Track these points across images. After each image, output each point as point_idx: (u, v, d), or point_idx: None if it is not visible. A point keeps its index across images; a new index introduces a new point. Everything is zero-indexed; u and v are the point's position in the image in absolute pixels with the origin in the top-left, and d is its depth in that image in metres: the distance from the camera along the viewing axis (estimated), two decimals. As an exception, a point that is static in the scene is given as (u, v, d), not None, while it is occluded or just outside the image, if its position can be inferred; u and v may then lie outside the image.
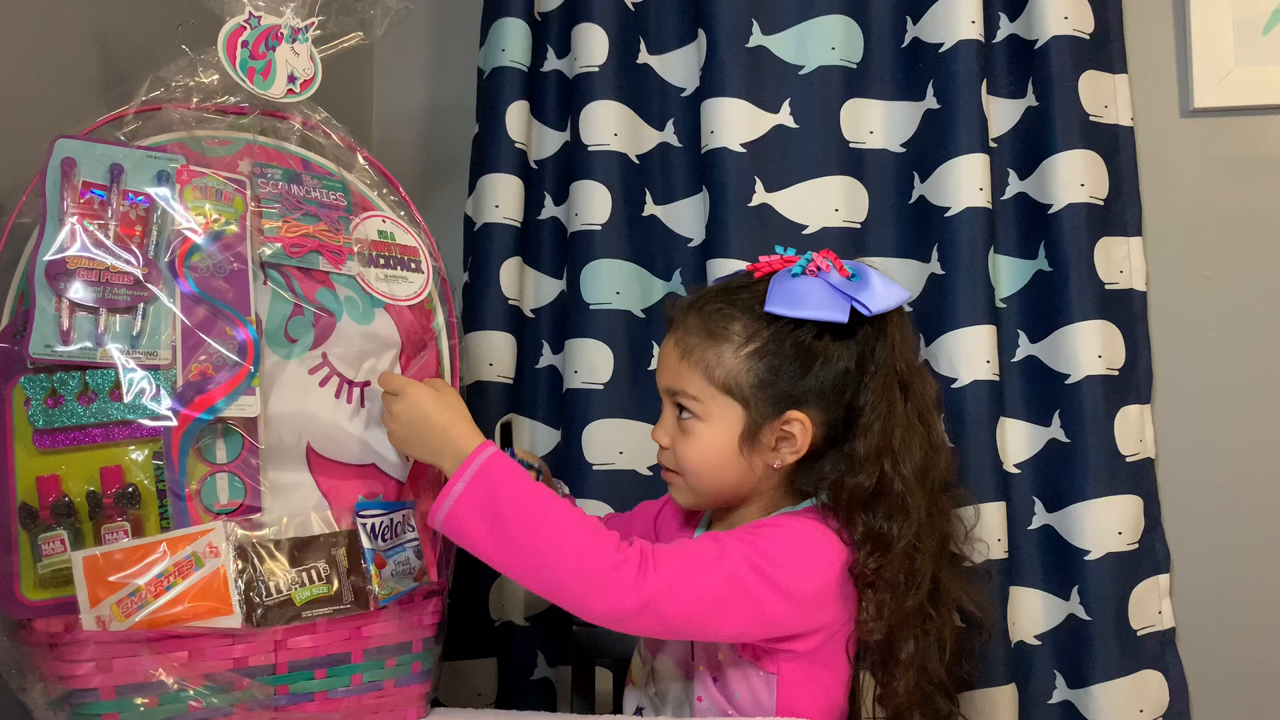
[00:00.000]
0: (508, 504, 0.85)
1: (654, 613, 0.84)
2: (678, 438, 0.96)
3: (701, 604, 0.86)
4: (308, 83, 0.98)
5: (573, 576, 0.84)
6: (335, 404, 0.94)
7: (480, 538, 0.85)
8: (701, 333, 0.94)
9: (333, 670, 0.88)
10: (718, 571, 0.87)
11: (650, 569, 0.85)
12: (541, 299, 1.39)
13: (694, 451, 0.95)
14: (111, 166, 0.86)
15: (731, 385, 0.93)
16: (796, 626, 0.90)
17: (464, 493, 0.85)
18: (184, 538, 0.83)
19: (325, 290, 0.94)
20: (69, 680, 0.78)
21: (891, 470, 0.91)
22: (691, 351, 0.94)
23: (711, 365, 0.93)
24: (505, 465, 0.87)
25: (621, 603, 0.84)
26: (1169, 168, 1.31)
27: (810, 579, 0.89)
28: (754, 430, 0.93)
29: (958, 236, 1.24)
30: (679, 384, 0.95)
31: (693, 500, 0.99)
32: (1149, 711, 1.21)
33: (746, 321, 0.93)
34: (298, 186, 0.95)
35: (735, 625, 0.88)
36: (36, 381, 0.81)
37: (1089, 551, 1.21)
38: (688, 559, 0.87)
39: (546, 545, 0.84)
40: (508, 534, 0.84)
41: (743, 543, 0.89)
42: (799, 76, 1.32)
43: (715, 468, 0.95)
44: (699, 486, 0.97)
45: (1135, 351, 1.27)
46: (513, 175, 1.35)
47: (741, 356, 0.92)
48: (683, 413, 0.95)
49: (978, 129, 1.24)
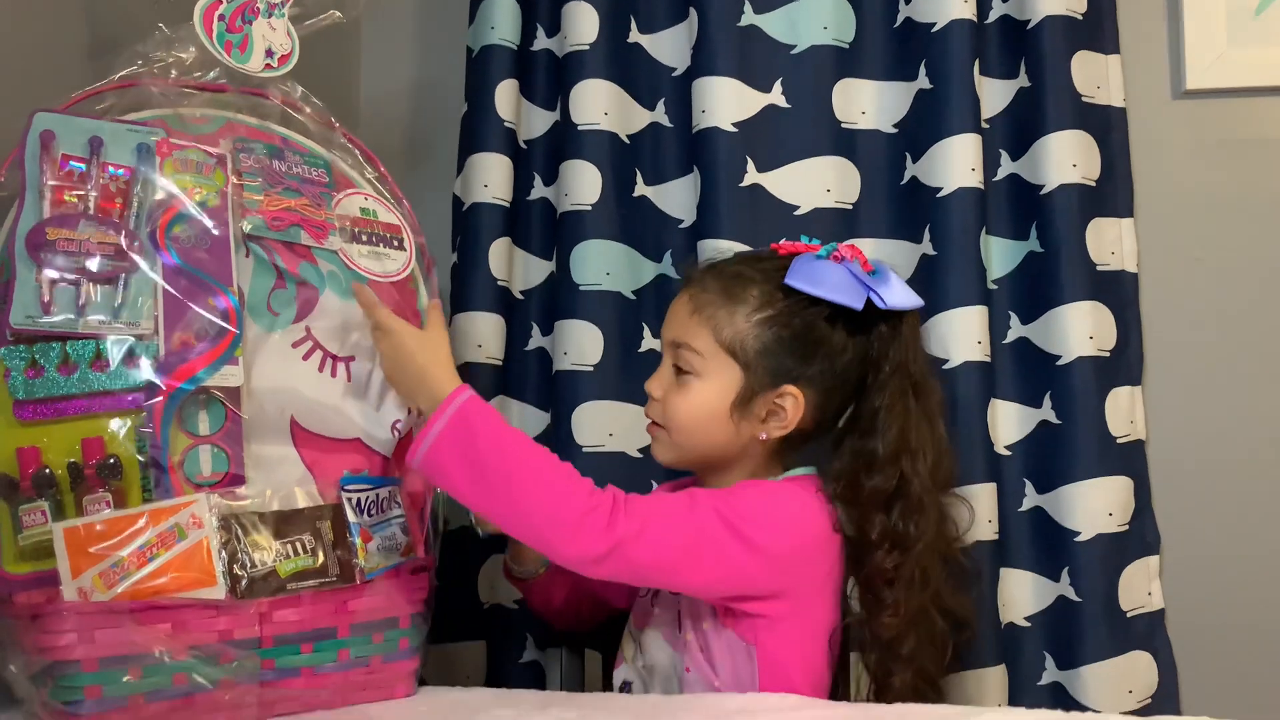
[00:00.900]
0: (485, 446, 0.85)
1: (622, 557, 0.85)
2: (671, 390, 0.97)
3: (670, 551, 0.87)
4: (285, 58, 0.97)
5: (546, 521, 0.85)
6: (319, 378, 0.93)
7: (457, 478, 0.86)
8: (717, 291, 0.96)
9: (319, 645, 0.88)
10: (688, 521, 0.88)
11: (621, 514, 0.86)
12: (531, 280, 1.38)
13: (685, 406, 0.96)
14: (91, 139, 0.85)
15: (736, 347, 0.94)
16: (764, 584, 0.90)
17: (442, 433, 0.86)
18: (166, 509, 0.82)
19: (307, 264, 0.94)
20: (50, 652, 0.78)
21: (910, 471, 0.93)
22: (704, 308, 0.95)
23: (721, 324, 0.94)
24: (482, 408, 0.88)
25: (592, 546, 0.85)
26: (1161, 149, 1.31)
27: (781, 537, 0.90)
28: (748, 396, 0.94)
29: (949, 217, 1.23)
30: (685, 336, 0.96)
31: (673, 456, 0.99)
32: (1138, 692, 1.21)
33: (764, 289, 0.95)
34: (279, 162, 0.95)
35: (703, 576, 0.89)
36: (16, 352, 0.80)
37: (1079, 533, 1.21)
38: (659, 507, 0.89)
39: (521, 488, 0.85)
40: (484, 475, 0.85)
41: (715, 498, 0.91)
42: (791, 56, 1.31)
43: (702, 425, 0.96)
44: (682, 443, 0.98)
45: (1126, 333, 1.27)
46: (502, 155, 1.34)
47: (752, 322, 0.94)
48: (678, 367, 0.96)
49: (970, 109, 1.24)
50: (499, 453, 0.86)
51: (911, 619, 0.94)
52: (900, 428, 0.94)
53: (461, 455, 0.85)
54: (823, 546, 0.93)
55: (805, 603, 0.93)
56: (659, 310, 1.34)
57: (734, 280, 0.96)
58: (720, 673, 0.93)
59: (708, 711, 0.84)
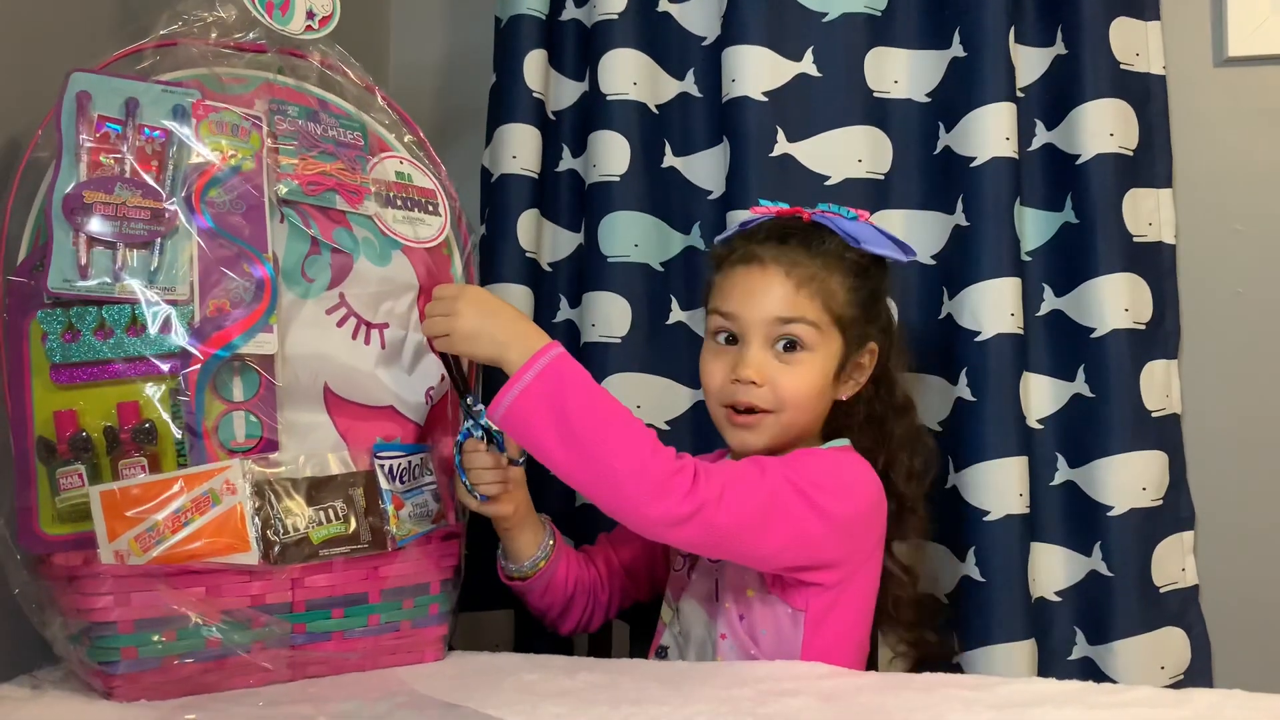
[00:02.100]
0: (576, 400, 0.85)
1: (704, 520, 0.85)
2: (779, 372, 0.95)
3: (747, 516, 0.87)
4: (326, 19, 0.97)
5: (633, 476, 0.84)
6: (353, 345, 0.93)
7: (544, 430, 0.85)
8: (812, 261, 0.96)
9: (350, 610, 0.88)
10: (761, 486, 0.88)
11: (703, 479, 0.86)
12: (559, 252, 1.37)
13: (802, 383, 0.95)
14: (127, 101, 0.85)
15: (842, 315, 0.96)
16: (831, 551, 0.91)
17: (532, 383, 0.85)
18: (201, 474, 0.83)
19: (342, 230, 0.94)
20: (88, 614, 0.79)
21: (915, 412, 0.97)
22: (810, 281, 0.95)
23: (831, 294, 0.95)
24: (574, 364, 0.87)
25: (677, 507, 0.84)
26: (1201, 118, 1.28)
27: (846, 503, 0.91)
28: (845, 361, 0.97)
29: (983, 187, 1.21)
30: (797, 311, 0.94)
31: (772, 440, 0.96)
32: (1170, 668, 1.20)
33: (842, 255, 0.97)
34: (315, 125, 0.94)
35: (777, 541, 0.89)
36: (53, 316, 0.81)
37: (1112, 507, 1.19)
38: (734, 473, 0.89)
39: (611, 444, 0.84)
40: (572, 431, 0.84)
41: (784, 465, 0.91)
42: (822, 24, 1.29)
43: (813, 400, 0.96)
44: (792, 422, 0.96)
45: (1163, 305, 1.25)
46: (530, 126, 1.33)
47: (845, 287, 0.96)
48: (786, 344, 0.95)
49: (1005, 77, 1.22)
50: (590, 408, 0.85)
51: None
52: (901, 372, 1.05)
53: (550, 408, 0.84)
54: (879, 509, 0.95)
55: (856, 569, 0.93)
56: (687, 282, 1.34)
57: (821, 251, 0.96)
58: (761, 641, 0.93)
59: (734, 678, 0.85)
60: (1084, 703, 0.75)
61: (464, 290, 0.90)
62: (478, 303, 0.89)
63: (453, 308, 0.89)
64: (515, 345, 0.87)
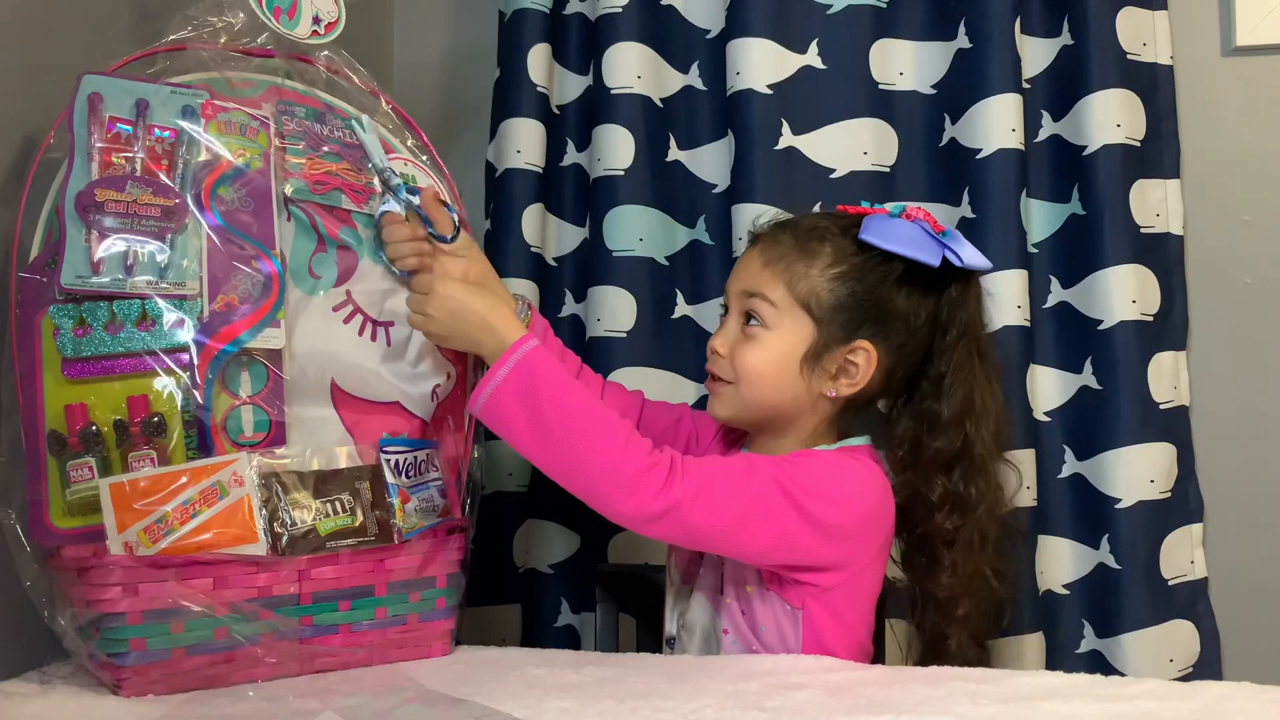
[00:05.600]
0: (548, 395, 0.85)
1: (677, 518, 0.84)
2: (739, 344, 0.95)
3: (726, 517, 0.86)
4: (332, 25, 0.98)
5: (604, 474, 0.84)
6: (359, 341, 0.94)
7: (518, 426, 0.86)
8: (792, 244, 0.95)
9: (356, 602, 0.89)
10: (746, 487, 0.87)
11: (678, 476, 0.85)
12: (564, 246, 1.37)
13: (755, 358, 0.94)
14: (137, 102, 0.86)
15: (810, 301, 0.93)
16: (821, 557, 0.89)
17: (506, 379, 0.86)
18: (209, 467, 0.83)
19: (348, 229, 0.94)
20: (97, 605, 0.79)
21: (974, 434, 0.93)
22: (778, 260, 0.94)
23: (796, 277, 0.93)
24: (547, 359, 0.87)
25: (648, 505, 0.84)
26: (1209, 108, 1.28)
27: (839, 512, 0.89)
28: (819, 351, 0.93)
29: (989, 179, 1.21)
30: (758, 286, 0.94)
31: (734, 412, 0.96)
32: (1179, 661, 1.20)
33: (839, 244, 0.94)
34: (321, 126, 0.95)
35: (759, 544, 0.88)
36: (65, 311, 0.81)
37: (1120, 500, 1.19)
38: (717, 470, 0.88)
39: (582, 440, 0.85)
40: (545, 425, 0.85)
41: (774, 465, 0.89)
42: (827, 16, 1.29)
43: (771, 379, 0.93)
44: (749, 397, 0.94)
45: (1171, 297, 1.25)
46: (534, 120, 1.33)
47: (827, 276, 0.93)
48: (750, 319, 0.95)
49: (1011, 68, 1.21)
50: (561, 403, 0.85)
51: (968, 580, 0.94)
52: (966, 391, 0.94)
53: (523, 402, 0.85)
54: (881, 518, 0.92)
55: (858, 571, 0.92)
56: (692, 276, 1.34)
57: (809, 234, 0.95)
58: (762, 636, 0.93)
59: (740, 672, 0.84)
60: (1092, 695, 0.74)
61: (432, 292, 0.90)
62: (445, 303, 0.89)
63: (424, 309, 0.90)
64: (487, 342, 0.88)
